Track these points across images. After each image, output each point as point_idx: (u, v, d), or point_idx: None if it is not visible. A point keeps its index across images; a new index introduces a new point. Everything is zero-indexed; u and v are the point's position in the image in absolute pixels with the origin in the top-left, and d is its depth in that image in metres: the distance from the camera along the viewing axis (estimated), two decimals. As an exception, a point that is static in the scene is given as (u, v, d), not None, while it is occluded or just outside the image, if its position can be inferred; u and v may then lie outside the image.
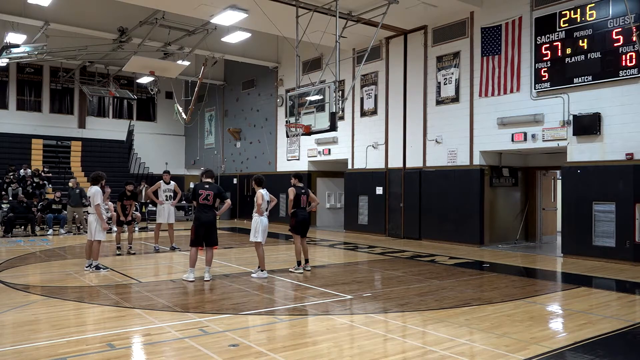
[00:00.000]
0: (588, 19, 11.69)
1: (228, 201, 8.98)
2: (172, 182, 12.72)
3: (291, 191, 9.70)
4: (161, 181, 12.61)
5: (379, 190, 16.81)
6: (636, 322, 6.24)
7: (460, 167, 14.46)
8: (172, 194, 12.54)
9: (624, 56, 11.08)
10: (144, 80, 22.46)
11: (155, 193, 12.47)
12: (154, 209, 19.00)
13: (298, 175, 10.01)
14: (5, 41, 16.36)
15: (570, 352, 5.12)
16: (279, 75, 21.60)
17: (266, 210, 9.21)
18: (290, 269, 9.77)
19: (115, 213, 12.20)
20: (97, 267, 9.52)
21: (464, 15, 14.36)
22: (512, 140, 13.18)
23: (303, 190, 9.81)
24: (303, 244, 9.88)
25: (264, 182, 9.33)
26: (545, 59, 12.47)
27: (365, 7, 14.01)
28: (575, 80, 11.89)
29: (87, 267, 9.58)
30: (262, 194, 9.09)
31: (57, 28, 16.56)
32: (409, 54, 16.09)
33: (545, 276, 9.90)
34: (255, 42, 19.88)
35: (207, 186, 8.69)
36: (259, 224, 9.06)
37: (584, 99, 11.85)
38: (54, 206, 17.01)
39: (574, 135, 12.00)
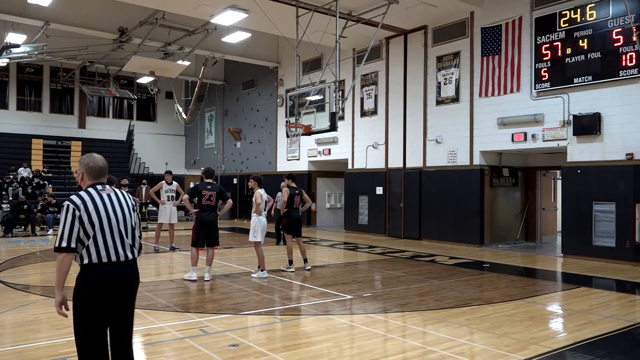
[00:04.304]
0: (588, 19, 11.69)
1: (230, 201, 8.98)
2: (175, 183, 12.78)
3: (285, 192, 9.88)
4: (163, 181, 12.67)
5: (379, 190, 16.80)
6: (636, 322, 6.24)
7: (460, 167, 14.45)
8: (174, 195, 12.58)
9: (624, 56, 11.08)
10: (144, 80, 22.45)
11: (158, 193, 12.51)
12: (154, 209, 18.99)
13: (291, 175, 10.22)
14: (5, 41, 16.36)
15: (570, 352, 5.12)
16: (279, 75, 21.59)
17: (264, 210, 9.24)
18: (282, 268, 9.80)
19: None
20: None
21: (464, 15, 14.35)
22: (512, 140, 13.18)
23: (297, 191, 9.97)
24: (300, 244, 10.04)
25: (262, 181, 9.38)
26: (545, 59, 12.47)
27: (365, 7, 14.00)
28: (576, 80, 11.89)
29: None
30: (261, 193, 9.12)
31: (57, 28, 16.56)
32: (409, 54, 16.08)
33: (545, 276, 9.90)
34: (255, 42, 19.88)
35: (209, 187, 8.71)
36: (257, 223, 9.09)
37: (584, 99, 11.85)
38: (50, 209, 16.99)
39: (574, 135, 11.99)
